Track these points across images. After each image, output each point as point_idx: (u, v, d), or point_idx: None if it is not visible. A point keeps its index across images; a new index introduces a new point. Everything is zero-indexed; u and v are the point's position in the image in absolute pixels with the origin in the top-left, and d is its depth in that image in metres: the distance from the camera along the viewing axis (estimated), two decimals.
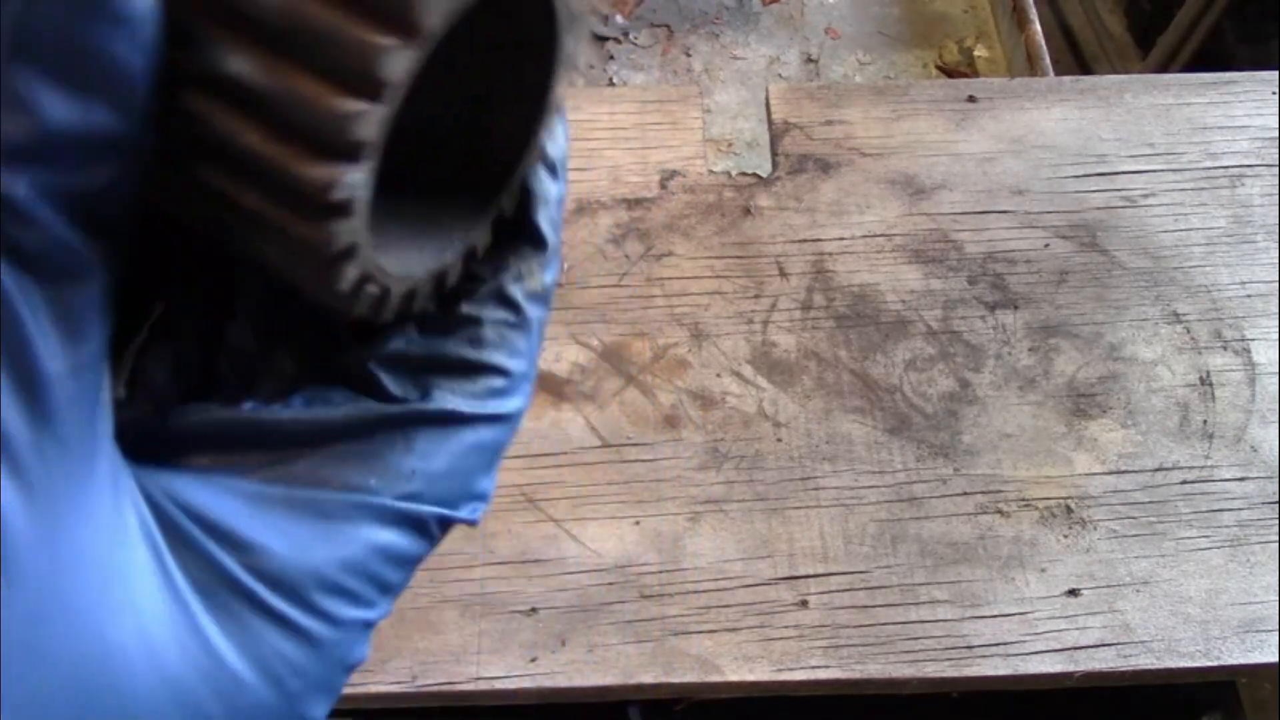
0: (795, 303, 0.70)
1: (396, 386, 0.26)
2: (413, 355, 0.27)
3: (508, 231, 0.28)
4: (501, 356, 0.27)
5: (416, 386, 0.26)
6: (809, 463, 0.64)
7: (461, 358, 0.27)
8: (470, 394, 0.27)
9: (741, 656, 0.58)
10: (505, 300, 0.28)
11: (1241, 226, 0.74)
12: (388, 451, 0.26)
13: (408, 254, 0.25)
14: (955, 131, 0.78)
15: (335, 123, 0.19)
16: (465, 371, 0.27)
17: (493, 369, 0.27)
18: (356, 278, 0.22)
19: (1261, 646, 0.59)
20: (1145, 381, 0.68)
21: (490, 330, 0.27)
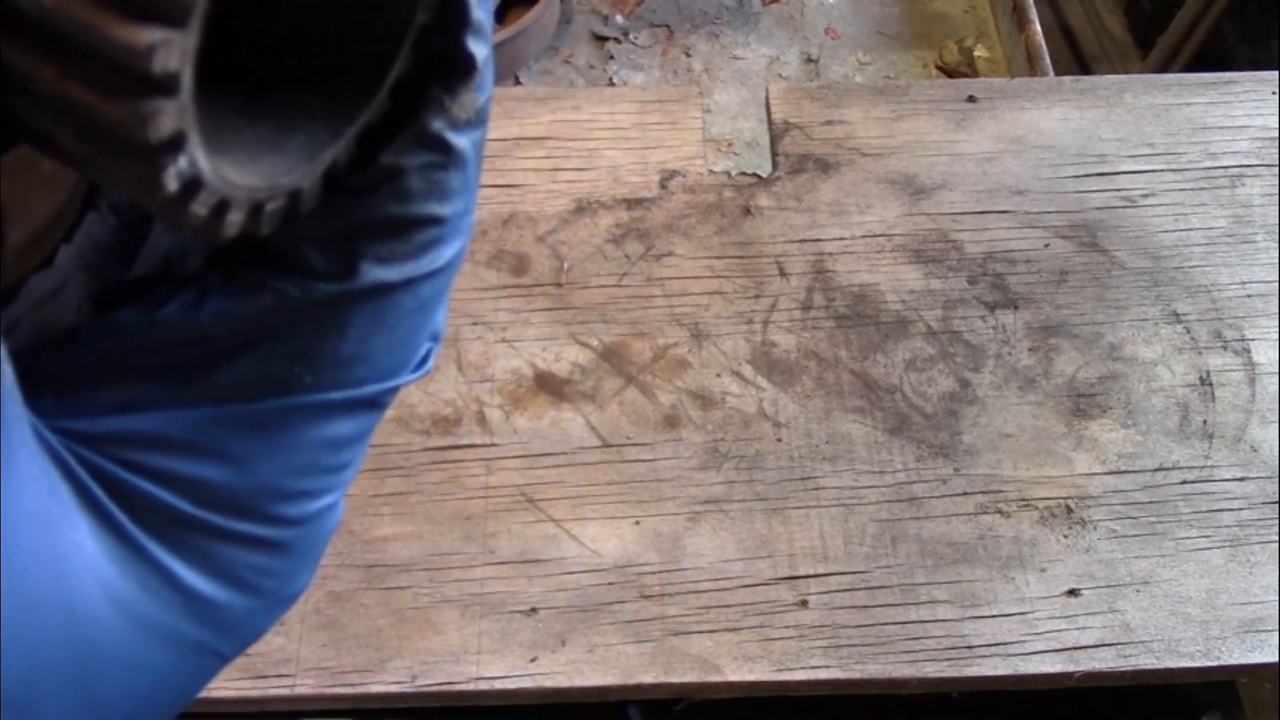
0: (795, 303, 0.70)
1: (319, 258, 0.24)
2: (333, 222, 0.24)
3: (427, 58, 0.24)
4: (431, 205, 0.25)
5: (341, 257, 0.24)
6: (809, 463, 0.64)
7: (386, 216, 0.24)
8: (402, 256, 0.24)
9: (741, 656, 0.58)
10: (429, 141, 0.24)
11: (1241, 226, 0.74)
12: (318, 343, 0.24)
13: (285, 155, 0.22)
14: (955, 131, 0.78)
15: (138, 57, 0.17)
16: (393, 230, 0.24)
17: (423, 221, 0.25)
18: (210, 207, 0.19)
19: (1261, 646, 0.59)
20: (1145, 381, 0.68)
21: (416, 179, 0.24)
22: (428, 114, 0.24)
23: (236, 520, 0.24)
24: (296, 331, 0.24)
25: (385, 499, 0.63)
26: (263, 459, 0.24)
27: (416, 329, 0.26)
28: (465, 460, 0.64)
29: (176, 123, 0.18)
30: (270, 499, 0.24)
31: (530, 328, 0.69)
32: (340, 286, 0.24)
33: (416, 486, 0.63)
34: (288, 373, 0.24)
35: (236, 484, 0.24)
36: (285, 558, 0.25)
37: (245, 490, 0.24)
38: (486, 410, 0.66)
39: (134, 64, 0.17)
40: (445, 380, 0.67)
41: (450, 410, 0.66)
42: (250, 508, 0.24)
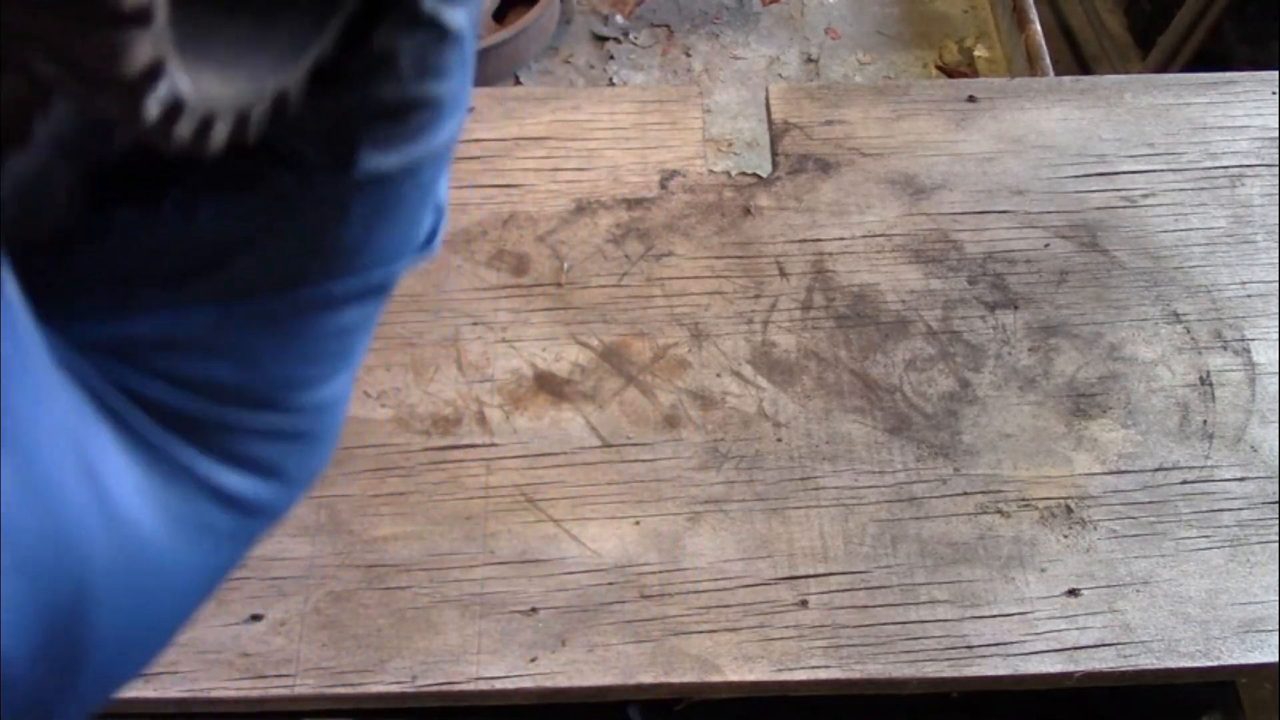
0: (795, 303, 0.70)
1: (315, 152, 0.23)
2: (327, 109, 0.23)
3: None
4: (428, 85, 0.24)
5: (338, 148, 0.23)
6: (809, 463, 0.64)
7: (382, 100, 0.23)
8: (401, 139, 0.24)
9: (741, 656, 0.58)
10: (421, 20, 0.23)
11: (1241, 226, 0.74)
12: (319, 237, 0.23)
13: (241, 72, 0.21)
14: (955, 131, 0.78)
15: None
16: (390, 114, 0.23)
17: (421, 102, 0.24)
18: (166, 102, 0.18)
19: (1261, 646, 0.59)
20: (1145, 381, 0.68)
21: (410, 60, 0.23)
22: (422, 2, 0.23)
23: (253, 413, 0.24)
24: (298, 226, 0.23)
25: (385, 499, 0.63)
26: (273, 352, 0.24)
27: (418, 208, 0.25)
28: (465, 460, 0.64)
29: (153, 51, 0.17)
30: (284, 388, 0.24)
31: (530, 328, 0.69)
32: (338, 178, 0.23)
33: (416, 486, 0.63)
34: (292, 266, 0.23)
35: (249, 379, 0.24)
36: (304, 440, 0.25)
37: (259, 384, 0.24)
38: (486, 410, 0.66)
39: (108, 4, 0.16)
40: (445, 380, 0.67)
41: (450, 410, 0.66)
42: (266, 400, 0.24)
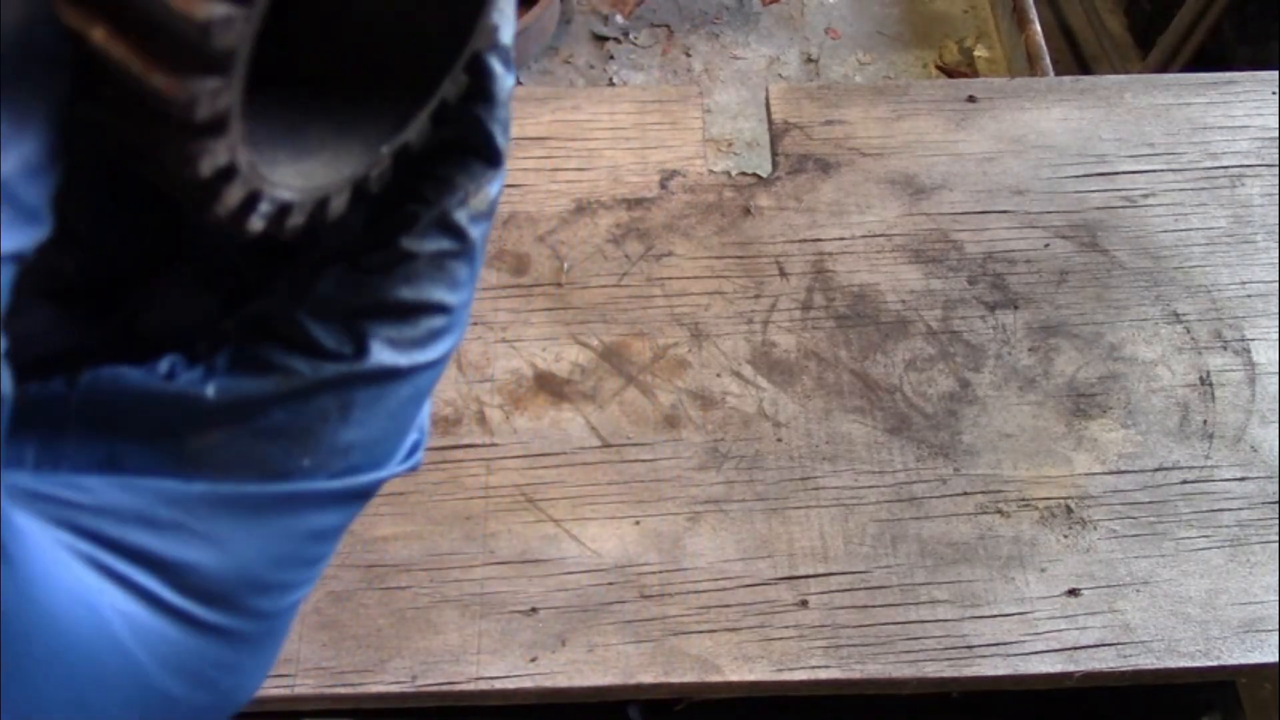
0: (795, 303, 0.70)
1: (329, 338, 0.23)
2: (344, 300, 0.23)
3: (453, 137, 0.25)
4: (442, 292, 0.24)
5: (351, 337, 0.23)
6: (809, 463, 0.64)
7: (399, 299, 0.24)
8: (409, 342, 0.24)
9: (741, 656, 0.58)
10: (449, 228, 0.24)
11: (1241, 226, 0.74)
12: (321, 425, 0.23)
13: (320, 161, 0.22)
14: (955, 131, 0.78)
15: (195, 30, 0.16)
16: (403, 314, 0.24)
17: (433, 308, 0.24)
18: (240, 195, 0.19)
19: (1261, 646, 0.59)
20: (1145, 381, 0.68)
21: (430, 265, 0.24)
22: (450, 200, 0.24)
23: (210, 610, 0.23)
24: (301, 413, 0.23)
25: (385, 499, 0.63)
26: (248, 546, 0.23)
27: (410, 418, 0.25)
28: (465, 460, 0.64)
29: (223, 104, 0.18)
30: (248, 590, 0.23)
31: (530, 328, 0.69)
32: (349, 366, 0.23)
33: (416, 486, 0.63)
34: (287, 455, 0.23)
35: (218, 571, 0.23)
36: (250, 653, 0.24)
37: (226, 579, 0.23)
38: (486, 410, 0.66)
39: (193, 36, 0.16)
40: (445, 380, 0.67)
41: (450, 410, 0.66)
42: (227, 598, 0.23)
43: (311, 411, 0.23)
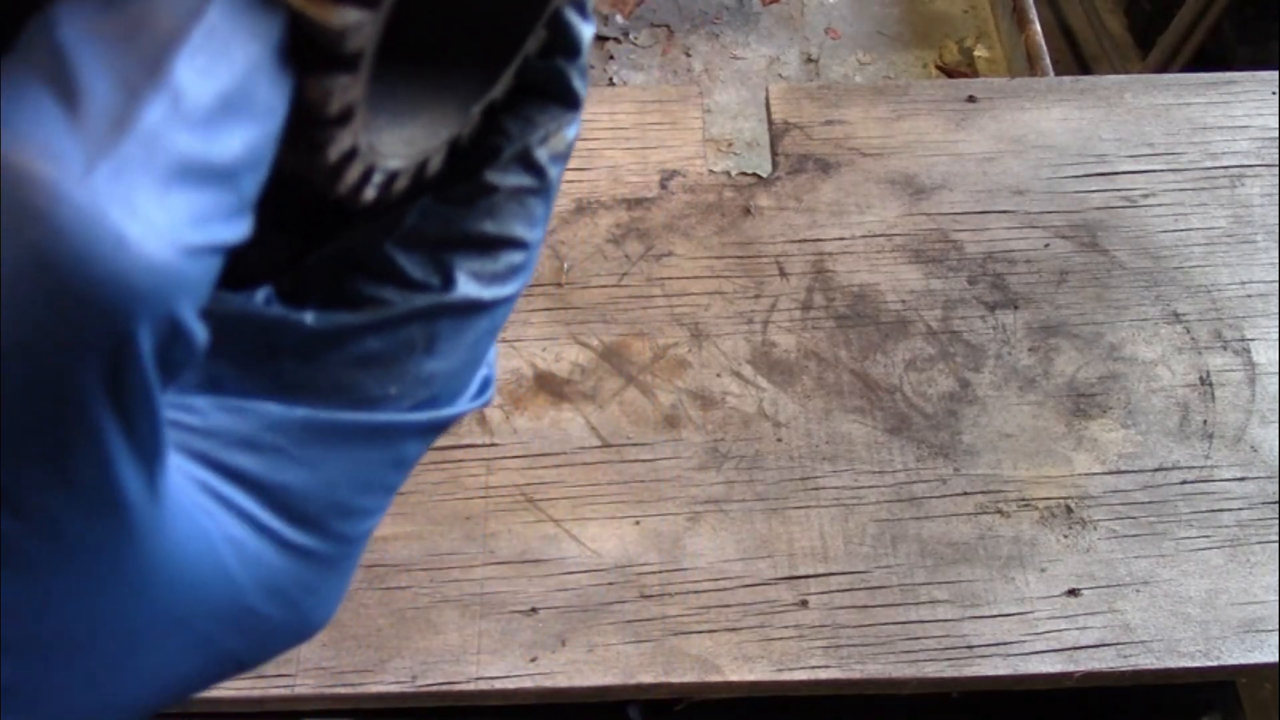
0: (795, 303, 0.70)
1: (416, 269, 0.24)
2: (431, 232, 0.24)
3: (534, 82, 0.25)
4: (521, 227, 0.25)
5: (437, 268, 0.24)
6: (809, 463, 0.64)
7: (482, 232, 0.25)
8: (490, 275, 0.25)
9: (741, 656, 0.58)
10: (531, 165, 0.25)
11: (1241, 226, 0.74)
12: (408, 355, 0.24)
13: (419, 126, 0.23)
14: (955, 131, 0.78)
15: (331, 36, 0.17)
16: (486, 246, 0.25)
17: (513, 242, 0.25)
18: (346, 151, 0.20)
19: (1261, 646, 0.59)
20: (1145, 381, 0.68)
21: (512, 199, 0.25)
22: (532, 138, 0.25)
23: (302, 533, 0.23)
24: (392, 341, 0.24)
25: None
26: (339, 471, 0.24)
27: (484, 352, 0.26)
28: (465, 460, 0.64)
29: (351, 97, 0.18)
30: (334, 514, 0.24)
31: (530, 328, 0.69)
32: (437, 297, 0.24)
33: (416, 486, 0.63)
34: (378, 384, 0.24)
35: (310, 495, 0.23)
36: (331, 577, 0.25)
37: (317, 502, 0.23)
38: (486, 410, 0.66)
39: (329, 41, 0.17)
40: None
41: None
42: (316, 521, 0.23)
43: (400, 340, 0.24)
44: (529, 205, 0.25)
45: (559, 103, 0.26)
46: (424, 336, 0.24)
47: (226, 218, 0.17)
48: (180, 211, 0.15)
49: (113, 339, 0.15)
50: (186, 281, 0.16)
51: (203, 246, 0.16)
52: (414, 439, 0.25)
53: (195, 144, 0.15)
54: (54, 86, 0.15)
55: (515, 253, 0.25)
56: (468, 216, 0.24)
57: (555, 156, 0.26)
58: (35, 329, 0.14)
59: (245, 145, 0.17)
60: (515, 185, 0.25)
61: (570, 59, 0.25)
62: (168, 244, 0.15)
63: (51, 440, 0.16)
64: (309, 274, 0.24)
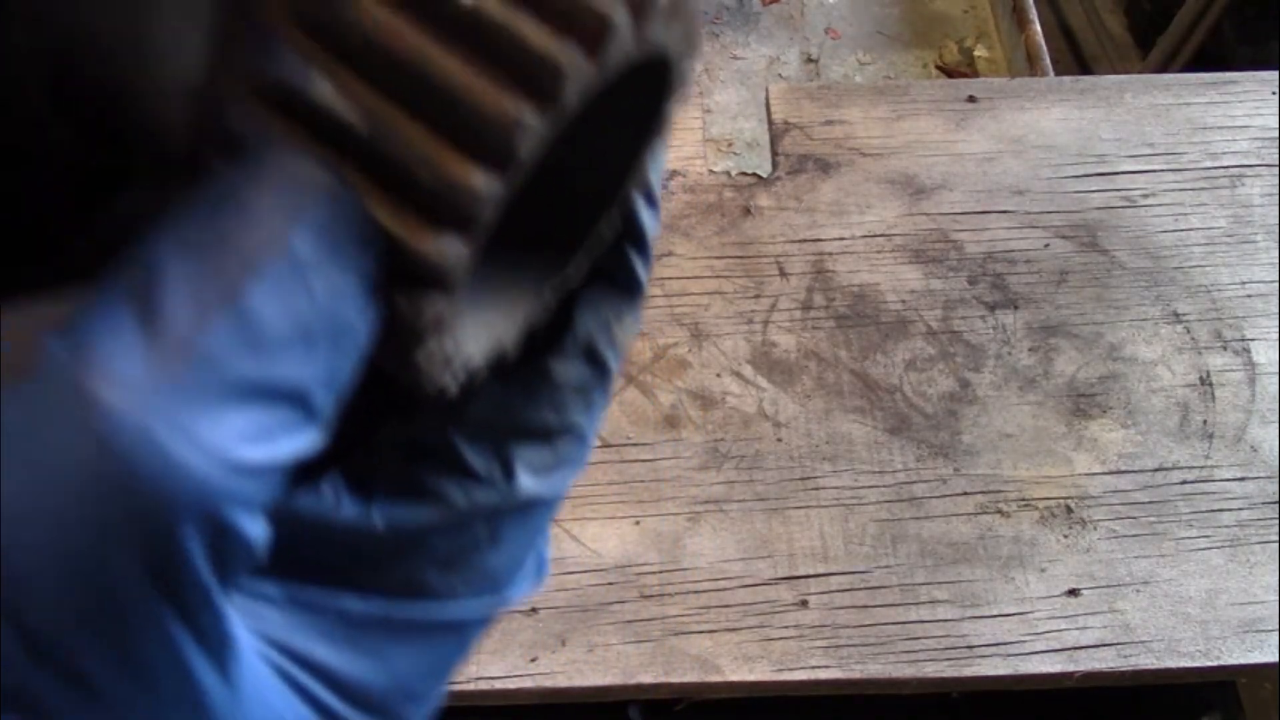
0: (795, 303, 0.70)
1: (479, 461, 0.24)
2: (494, 422, 0.24)
3: (601, 273, 0.26)
4: (580, 418, 0.26)
5: (499, 461, 0.25)
6: (809, 463, 0.64)
7: (544, 423, 0.25)
8: (549, 468, 0.25)
9: (741, 656, 0.58)
10: (594, 358, 0.25)
11: (1241, 226, 0.74)
12: (474, 551, 0.25)
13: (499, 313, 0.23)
14: (955, 131, 0.78)
15: (458, 194, 0.17)
16: (545, 437, 0.25)
17: (572, 432, 0.26)
18: (438, 351, 0.20)
19: (1261, 646, 0.59)
20: (1145, 381, 0.68)
21: (573, 391, 0.25)
22: (597, 330, 0.25)
23: (368, 718, 0.24)
24: (457, 541, 0.24)
25: None
26: (407, 661, 0.24)
27: (542, 537, 0.27)
28: None
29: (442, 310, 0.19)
30: (403, 700, 0.24)
31: None
32: (500, 496, 0.24)
33: None
34: (444, 580, 0.24)
35: (381, 684, 0.24)
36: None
37: (386, 691, 0.24)
38: None
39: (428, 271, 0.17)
40: None
41: None
42: (382, 707, 0.24)
43: (466, 539, 0.24)
44: (589, 396, 0.25)
45: (624, 290, 0.26)
46: (488, 534, 0.25)
47: (291, 433, 0.17)
48: (235, 430, 0.16)
49: (155, 539, 0.16)
50: (234, 490, 0.17)
51: (260, 461, 0.17)
52: (477, 626, 0.26)
53: (259, 367, 0.17)
54: (136, 305, 0.16)
55: (574, 442, 0.25)
56: (530, 406, 0.25)
57: (617, 348, 0.26)
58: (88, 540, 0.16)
59: (318, 366, 0.17)
60: (577, 376, 0.25)
61: (638, 248, 0.26)
62: (214, 459, 0.16)
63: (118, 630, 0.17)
64: (375, 457, 0.24)
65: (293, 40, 0.17)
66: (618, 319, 0.26)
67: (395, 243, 0.17)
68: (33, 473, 0.16)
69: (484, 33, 0.17)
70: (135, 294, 0.16)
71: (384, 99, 0.17)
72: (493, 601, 0.26)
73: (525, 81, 0.17)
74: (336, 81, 0.17)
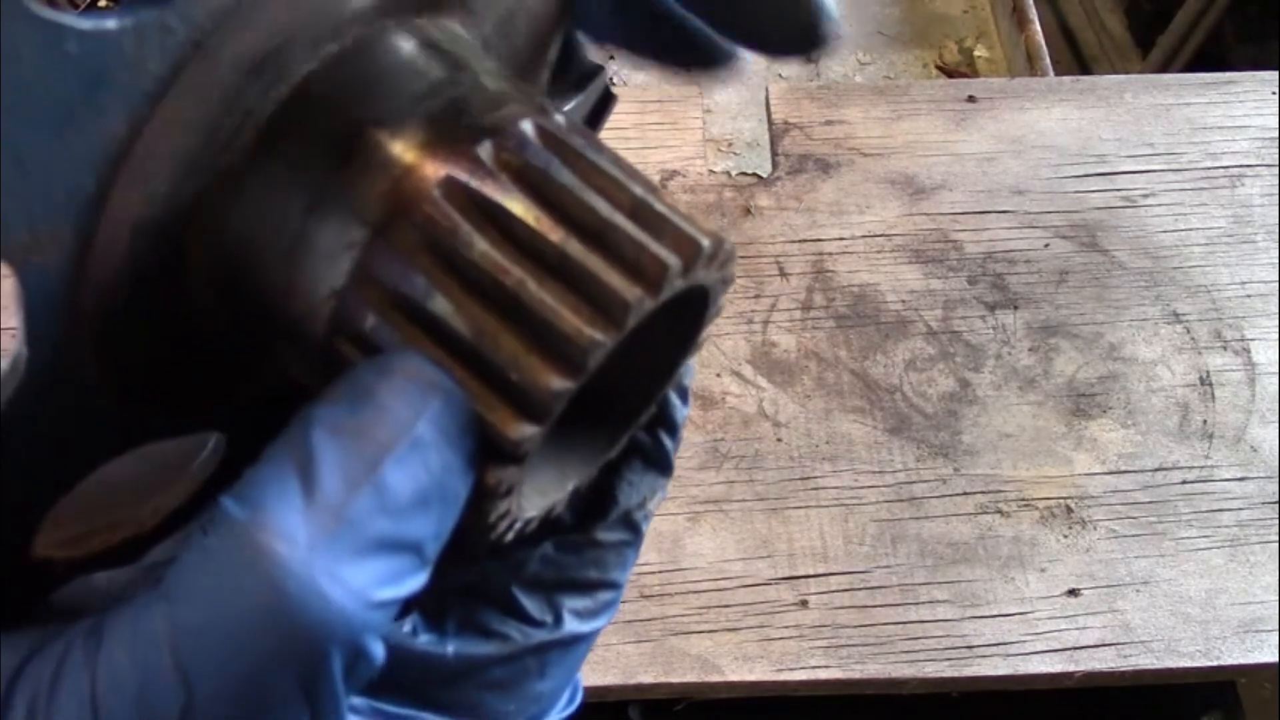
0: (795, 303, 0.70)
1: (534, 608, 0.30)
2: (548, 578, 0.30)
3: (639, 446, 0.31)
4: (617, 573, 0.31)
5: (550, 607, 0.30)
6: (809, 463, 0.64)
7: (588, 578, 0.31)
8: (589, 613, 0.31)
9: (741, 656, 0.58)
10: (631, 524, 0.31)
11: (1241, 226, 0.74)
12: (524, 679, 0.30)
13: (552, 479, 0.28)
14: (955, 131, 0.78)
15: (540, 393, 0.21)
16: (588, 589, 0.31)
17: (610, 585, 0.31)
18: (505, 511, 0.24)
19: (1261, 646, 0.59)
20: (1145, 381, 0.68)
21: (613, 551, 0.31)
22: (634, 503, 0.31)
23: None
24: (513, 671, 0.29)
25: None
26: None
27: (578, 668, 0.32)
28: None
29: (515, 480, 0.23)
30: None
31: None
32: (549, 635, 0.30)
33: None
34: (500, 703, 0.30)
35: None
36: None
37: None
38: None
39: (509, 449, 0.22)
40: None
41: None
42: None
43: (520, 670, 0.30)
44: (625, 555, 0.31)
45: (657, 468, 0.31)
46: (537, 665, 0.30)
47: (410, 576, 0.22)
48: (372, 576, 0.21)
49: (313, 661, 0.20)
50: (371, 621, 0.21)
51: (388, 598, 0.21)
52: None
53: (392, 527, 0.21)
54: (300, 477, 0.21)
55: (610, 592, 0.31)
56: (578, 564, 0.30)
57: (648, 515, 0.31)
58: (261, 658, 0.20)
59: (433, 527, 0.22)
60: (617, 540, 0.31)
61: (670, 434, 0.31)
62: (357, 599, 0.21)
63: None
64: (447, 601, 0.29)
65: (420, 263, 0.22)
66: (650, 493, 0.31)
67: (490, 429, 0.22)
68: (215, 609, 0.20)
69: (569, 269, 0.22)
70: (297, 467, 0.21)
71: (488, 315, 0.22)
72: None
73: (599, 309, 0.22)
74: (452, 299, 0.22)
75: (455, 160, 0.22)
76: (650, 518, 0.32)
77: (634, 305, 0.22)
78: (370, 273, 0.22)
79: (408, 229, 0.22)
